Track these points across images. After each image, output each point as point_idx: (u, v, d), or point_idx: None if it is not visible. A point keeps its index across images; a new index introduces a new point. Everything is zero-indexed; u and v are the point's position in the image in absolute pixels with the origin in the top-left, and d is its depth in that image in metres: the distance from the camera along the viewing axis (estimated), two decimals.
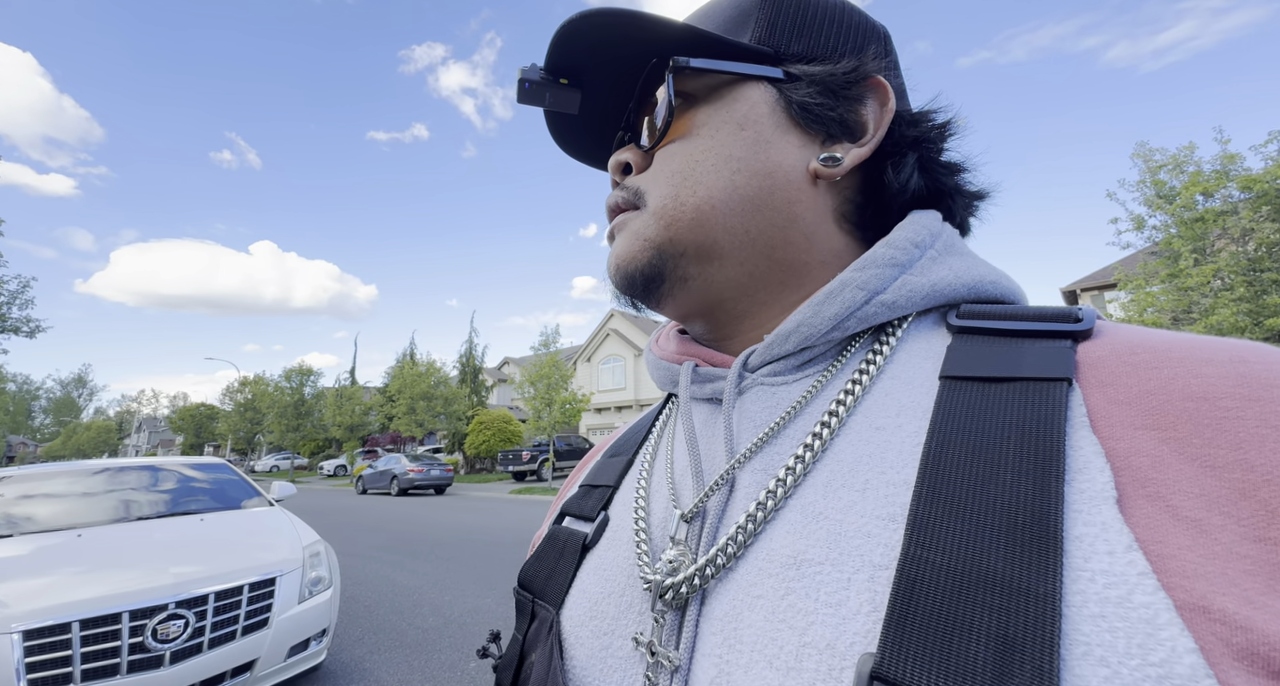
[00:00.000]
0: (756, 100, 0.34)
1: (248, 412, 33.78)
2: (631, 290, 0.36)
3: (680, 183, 0.34)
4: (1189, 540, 0.19)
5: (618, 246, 0.36)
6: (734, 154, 0.33)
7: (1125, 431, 0.22)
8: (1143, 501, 0.20)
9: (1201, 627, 0.17)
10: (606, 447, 0.47)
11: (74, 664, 2.09)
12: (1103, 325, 0.28)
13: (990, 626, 0.19)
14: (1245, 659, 0.17)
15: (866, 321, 0.32)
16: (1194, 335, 0.26)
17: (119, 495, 3.43)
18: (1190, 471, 0.20)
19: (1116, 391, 0.24)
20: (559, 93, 0.37)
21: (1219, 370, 0.23)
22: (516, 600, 0.38)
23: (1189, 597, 0.18)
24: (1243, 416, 0.21)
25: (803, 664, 0.22)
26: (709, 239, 0.33)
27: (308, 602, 2.84)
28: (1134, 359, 0.25)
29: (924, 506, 0.22)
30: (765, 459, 0.30)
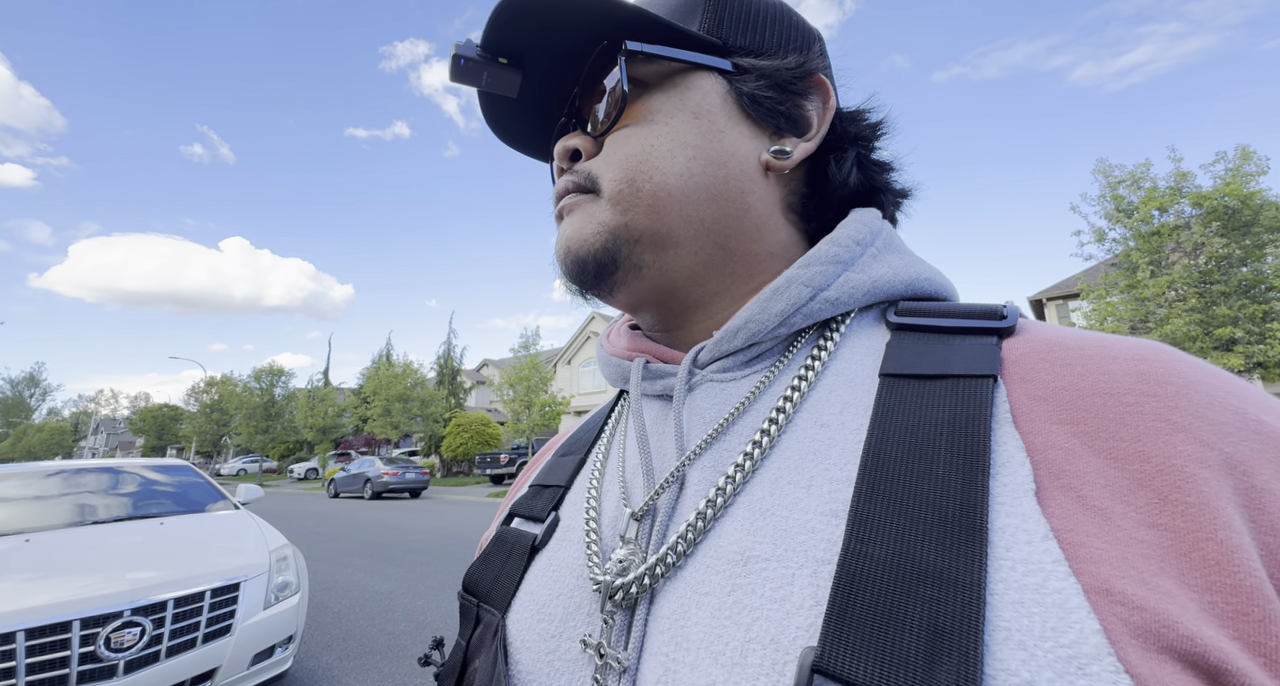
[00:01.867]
0: (709, 90, 0.34)
1: (214, 414, 32.61)
2: (582, 276, 0.35)
3: (636, 167, 0.33)
4: (1096, 528, 0.20)
5: (568, 228, 0.35)
6: (689, 141, 0.33)
7: (1043, 425, 0.24)
8: (1058, 492, 0.22)
9: (1105, 609, 0.19)
10: (558, 446, 0.46)
11: (18, 676, 1.99)
12: (1024, 323, 0.30)
13: (922, 616, 0.20)
14: (1141, 636, 0.18)
15: (812, 317, 0.33)
16: (1104, 334, 0.28)
17: (73, 498, 3.28)
18: (1097, 463, 0.22)
19: (1036, 387, 0.25)
20: (497, 73, 0.35)
21: (1123, 367, 0.24)
22: (461, 604, 0.37)
23: (1095, 582, 0.19)
24: (1142, 411, 0.23)
25: (747, 659, 0.22)
26: (665, 225, 0.33)
27: (273, 608, 2.76)
28: (1051, 356, 0.26)
29: (863, 502, 0.23)
30: (715, 456, 0.30)
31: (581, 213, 0.35)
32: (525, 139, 0.42)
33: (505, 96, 0.37)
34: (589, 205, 0.35)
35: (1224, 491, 0.20)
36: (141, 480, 3.68)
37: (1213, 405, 0.23)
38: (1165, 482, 0.21)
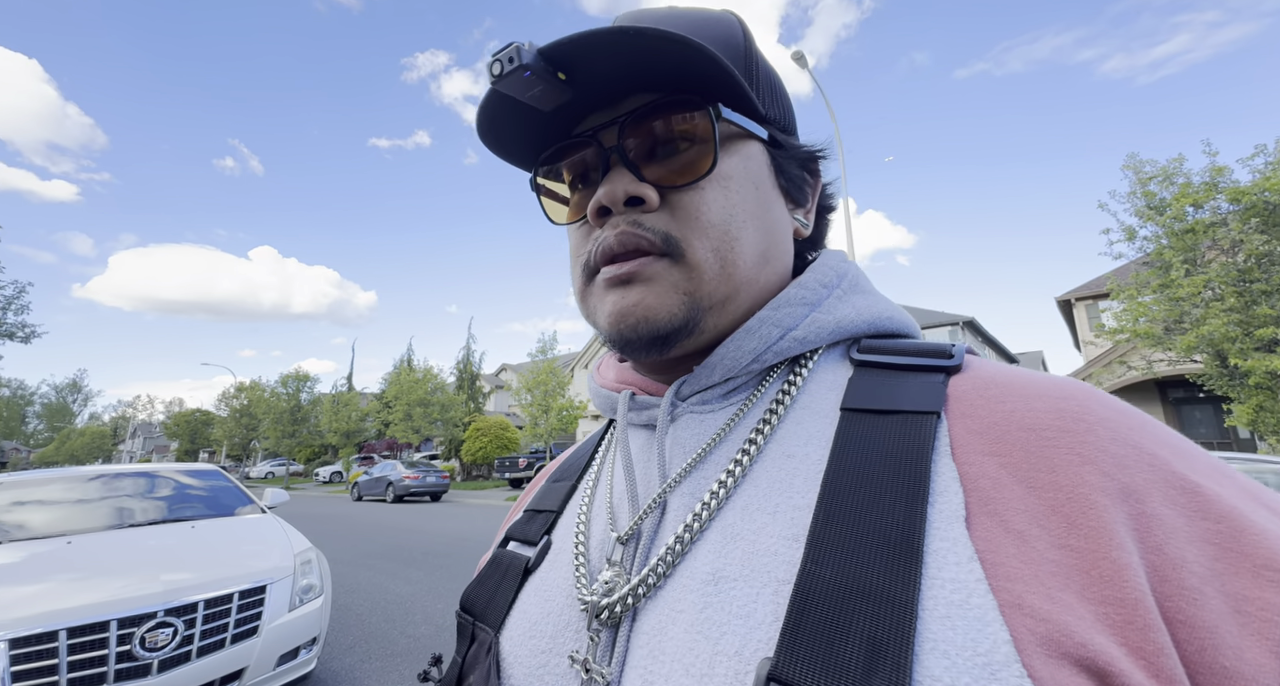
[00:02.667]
0: (760, 161, 0.37)
1: (243, 418, 33.62)
2: (650, 343, 0.34)
3: (721, 238, 0.33)
4: (1015, 549, 0.23)
5: (645, 297, 0.33)
6: (754, 212, 0.35)
7: (977, 457, 0.27)
8: (985, 518, 0.25)
9: (1016, 621, 0.22)
10: (551, 472, 0.49)
11: (60, 673, 2.09)
12: (970, 360, 0.34)
13: (864, 630, 0.22)
14: (1044, 644, 0.21)
15: (782, 354, 0.36)
16: (1036, 374, 0.31)
17: (111, 502, 3.42)
18: (1019, 491, 0.25)
19: (973, 422, 0.28)
20: (548, 87, 0.32)
21: (1045, 404, 0.28)
22: (458, 623, 0.40)
23: (1010, 597, 0.22)
24: (1057, 445, 0.26)
25: (714, 670, 0.25)
26: (733, 291, 0.34)
27: (298, 610, 2.84)
28: (988, 393, 0.30)
29: (820, 528, 0.26)
30: (693, 483, 0.32)
31: (663, 284, 0.33)
32: (513, 145, 0.39)
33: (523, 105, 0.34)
34: (669, 273, 0.33)
35: (1119, 517, 0.23)
36: (175, 484, 3.82)
37: (1115, 440, 0.26)
38: (1073, 509, 0.24)
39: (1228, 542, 0.23)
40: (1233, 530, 0.23)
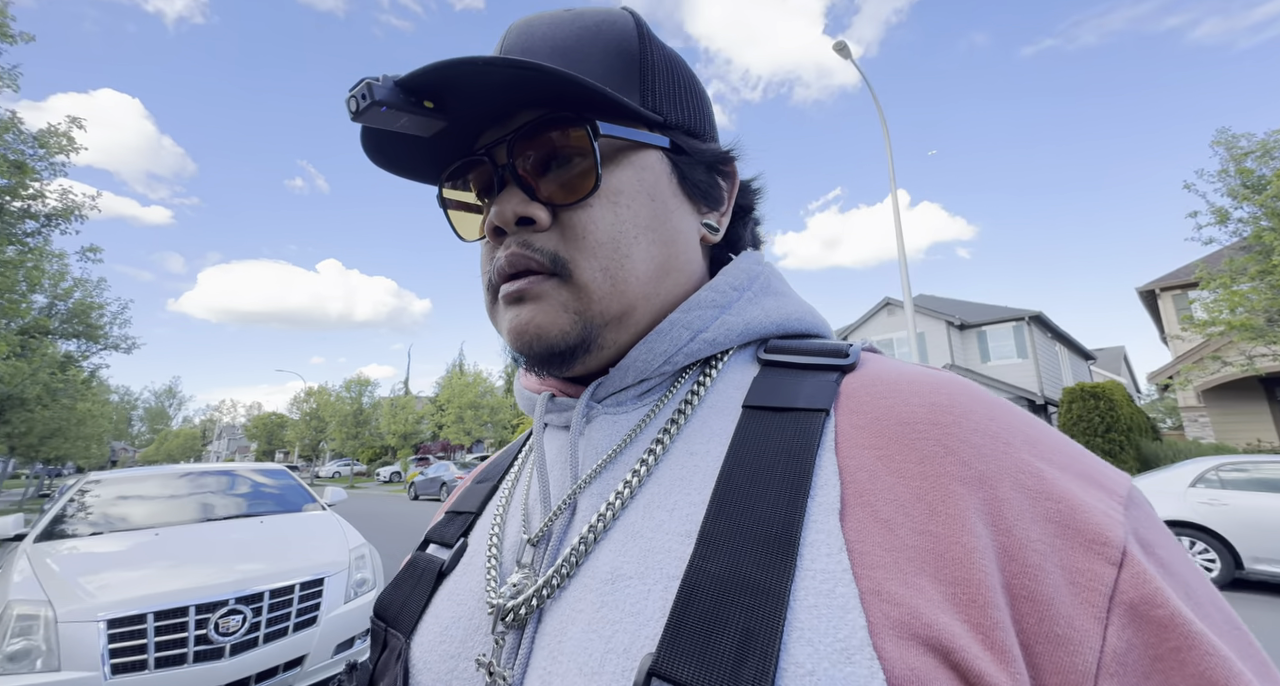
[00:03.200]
0: (658, 170, 0.36)
1: (313, 421, 36.01)
2: (548, 360, 0.35)
3: (610, 255, 0.33)
4: (881, 537, 0.25)
5: (536, 315, 0.34)
6: (649, 225, 0.35)
7: (857, 451, 0.28)
8: (858, 508, 0.26)
9: (874, 608, 0.23)
10: (476, 474, 0.49)
11: (149, 652, 2.32)
12: (867, 357, 0.35)
13: (739, 622, 0.23)
14: (896, 628, 0.22)
15: (693, 356, 0.36)
16: (918, 370, 0.32)
17: (196, 498, 3.77)
18: (891, 481, 0.26)
19: (858, 418, 0.29)
20: (417, 117, 0.31)
21: (920, 400, 0.29)
22: (371, 629, 0.40)
23: (871, 585, 0.23)
24: (926, 437, 0.27)
25: (605, 667, 0.25)
26: (629, 306, 0.35)
27: (353, 602, 3.02)
28: (873, 390, 0.31)
29: (710, 523, 0.27)
30: (602, 483, 0.33)
31: (551, 302, 0.34)
32: (408, 163, 0.38)
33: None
34: (557, 292, 0.34)
35: (974, 502, 0.25)
36: (249, 482, 4.16)
37: (976, 431, 0.27)
38: (935, 496, 0.25)
39: (1065, 520, 0.25)
40: (1068, 508, 0.25)
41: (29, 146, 4.43)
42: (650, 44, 0.37)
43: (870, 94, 9.58)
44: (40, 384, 8.40)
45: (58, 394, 9.83)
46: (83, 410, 12.83)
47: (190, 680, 2.35)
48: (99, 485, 3.76)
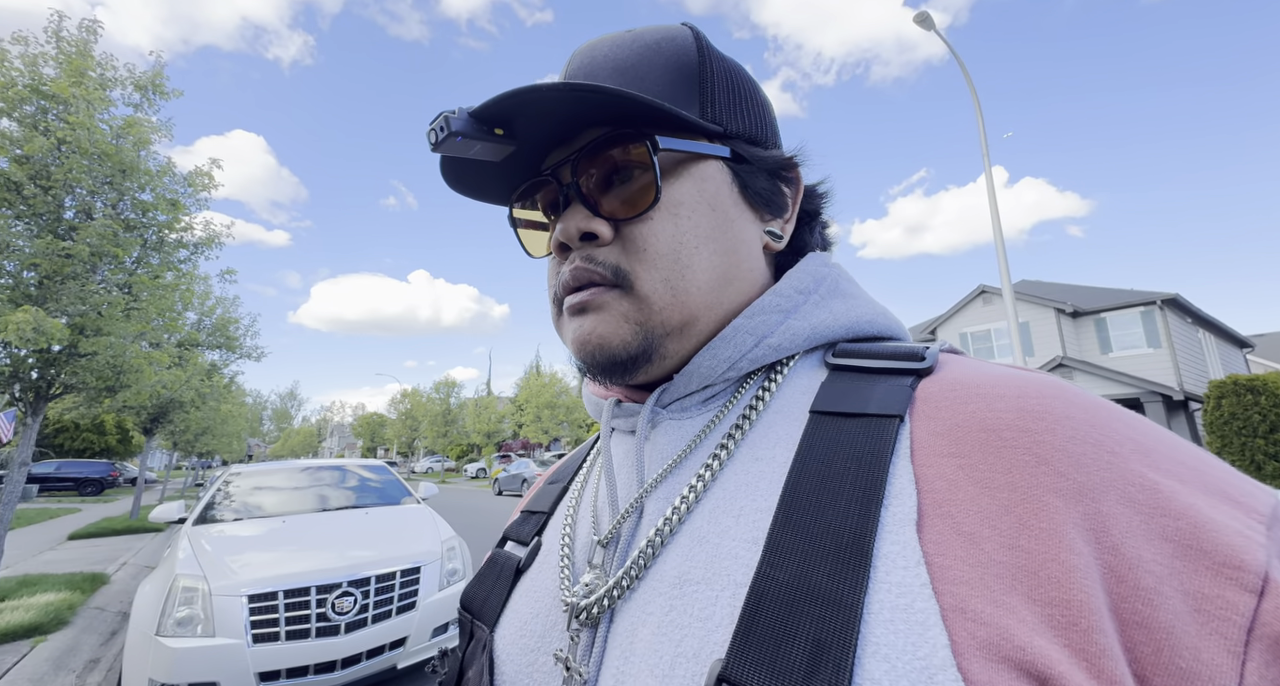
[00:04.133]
0: (719, 180, 0.36)
1: (407, 420, 39.27)
2: (611, 369, 0.35)
3: (670, 267, 0.34)
4: (963, 551, 0.23)
5: (599, 326, 0.34)
6: (710, 235, 0.35)
7: (935, 459, 0.26)
8: (937, 520, 0.24)
9: (958, 626, 0.21)
10: (549, 475, 0.51)
11: (280, 625, 2.64)
12: (946, 360, 0.33)
13: (809, 632, 0.22)
14: (984, 648, 0.21)
15: (757, 362, 0.36)
16: (1007, 372, 0.30)
17: (313, 490, 4.23)
18: (974, 492, 0.25)
19: (936, 424, 0.28)
20: (489, 144, 0.33)
21: (1006, 404, 0.27)
22: (459, 620, 0.42)
23: (953, 601, 0.22)
24: (1015, 445, 0.25)
25: (675, 671, 0.25)
26: (691, 316, 0.35)
27: (446, 590, 3.24)
28: (953, 395, 0.29)
29: (778, 530, 0.26)
30: (668, 487, 0.33)
31: (612, 312, 0.34)
32: (481, 186, 0.40)
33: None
34: (618, 303, 0.34)
35: (1073, 517, 0.23)
36: (357, 477, 4.61)
37: (1075, 439, 0.25)
38: (1026, 509, 0.23)
39: (1187, 540, 0.22)
40: (1191, 526, 0.22)
41: (181, 186, 5.19)
42: (709, 56, 0.38)
43: (959, 65, 8.80)
44: (193, 389, 9.87)
45: (206, 397, 11.49)
46: (226, 411, 14.90)
47: (314, 652, 2.65)
48: (239, 477, 4.33)
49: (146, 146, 4.83)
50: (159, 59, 5.14)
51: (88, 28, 4.68)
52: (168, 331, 6.31)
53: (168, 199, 5.02)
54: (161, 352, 5.76)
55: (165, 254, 5.29)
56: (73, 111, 4.31)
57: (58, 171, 4.28)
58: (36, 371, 4.62)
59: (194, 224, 5.42)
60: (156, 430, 11.35)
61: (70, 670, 3.42)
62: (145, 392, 5.48)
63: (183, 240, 5.42)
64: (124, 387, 5.28)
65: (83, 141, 4.28)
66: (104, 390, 5.43)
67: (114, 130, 4.67)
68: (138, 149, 4.71)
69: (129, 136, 4.67)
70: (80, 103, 4.33)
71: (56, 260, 4.27)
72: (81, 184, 4.44)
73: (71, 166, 4.29)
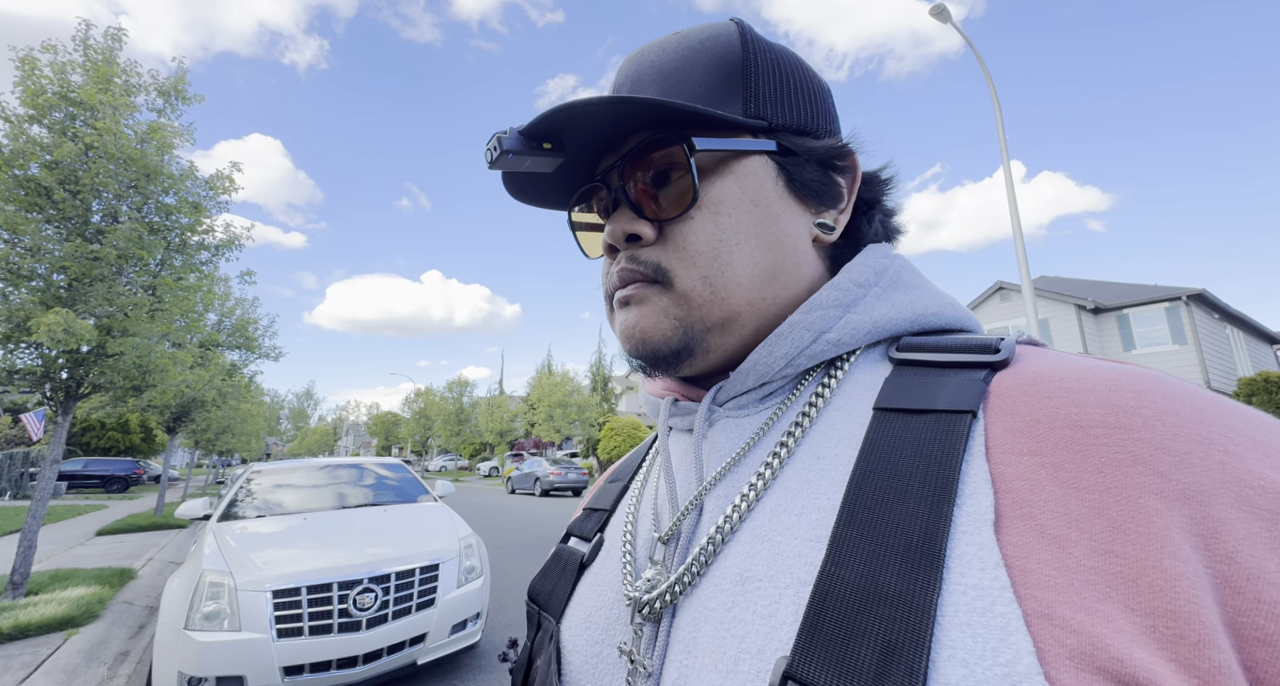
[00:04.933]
0: (762, 175, 0.36)
1: (421, 419, 39.68)
2: (655, 362, 0.37)
3: (709, 264, 0.34)
4: (1048, 555, 0.22)
5: (640, 319, 0.36)
6: (753, 231, 0.35)
7: (1014, 457, 0.25)
8: (1018, 521, 0.23)
9: (1043, 632, 0.20)
10: (610, 474, 0.52)
11: (303, 620, 2.68)
12: (1023, 352, 0.31)
13: (878, 633, 0.22)
14: (1075, 658, 0.19)
15: (815, 358, 0.35)
16: (1095, 363, 0.28)
17: (333, 487, 4.30)
18: (1059, 493, 0.23)
19: (1013, 420, 0.26)
20: (539, 158, 0.35)
21: (1095, 399, 0.25)
22: (527, 610, 0.44)
23: (1038, 606, 0.21)
24: (1106, 443, 0.23)
25: (739, 667, 0.25)
26: (733, 312, 0.35)
27: (464, 588, 3.27)
28: (1033, 389, 0.27)
29: (842, 529, 0.26)
30: (728, 485, 0.33)
31: (653, 306, 0.36)
32: (541, 195, 0.42)
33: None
34: (659, 298, 0.35)
35: (1177, 521, 0.21)
36: (374, 475, 4.66)
37: (1178, 436, 0.23)
38: (1120, 512, 0.22)
39: None
40: None
41: (202, 189, 5.30)
42: (754, 49, 0.38)
43: (976, 57, 8.64)
44: (215, 389, 10.07)
45: (227, 397, 11.71)
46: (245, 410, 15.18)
47: (336, 647, 2.69)
48: (260, 475, 4.41)
49: (169, 151, 4.93)
50: (181, 65, 5.25)
51: (113, 36, 4.79)
52: (190, 332, 6.45)
53: (190, 202, 5.12)
54: (185, 353, 5.89)
55: (188, 256, 5.40)
56: (99, 117, 4.42)
57: (85, 176, 4.39)
58: (66, 371, 4.75)
59: (215, 226, 5.53)
60: (179, 429, 11.60)
61: (102, 662, 3.52)
62: (169, 392, 5.61)
63: (204, 242, 5.54)
64: (149, 387, 5.41)
65: (109, 146, 4.39)
66: (130, 389, 5.56)
67: (138, 135, 4.78)
68: (161, 153, 4.82)
69: (153, 141, 4.77)
70: (106, 109, 4.44)
71: (85, 263, 4.38)
72: (108, 188, 4.55)
73: (98, 171, 4.40)
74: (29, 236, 4.29)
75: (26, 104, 4.33)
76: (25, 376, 4.69)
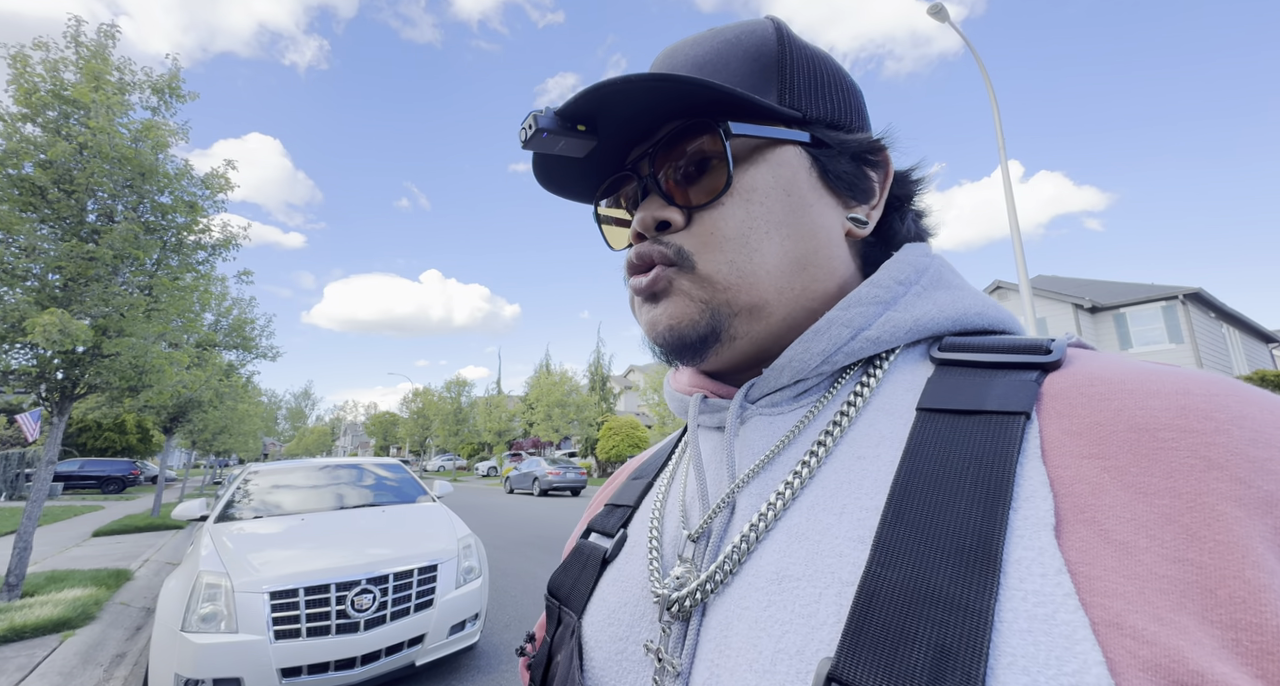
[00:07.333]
0: (795, 165, 0.36)
1: (419, 419, 39.61)
2: (681, 350, 0.36)
3: (737, 250, 0.34)
4: (1115, 562, 0.21)
5: (669, 308, 0.36)
6: (784, 220, 0.35)
7: (1072, 460, 0.24)
8: (1080, 526, 0.22)
9: (1113, 642, 0.19)
10: (632, 470, 0.51)
11: (301, 622, 2.67)
12: (1075, 354, 0.30)
13: (931, 637, 0.21)
14: (1149, 670, 0.18)
15: (854, 355, 0.34)
16: (1154, 365, 0.27)
17: (330, 488, 4.27)
18: (1125, 497, 0.22)
19: (1070, 423, 0.25)
20: (572, 139, 0.35)
21: (1163, 402, 0.24)
22: (546, 605, 0.43)
23: (1106, 615, 0.20)
24: (1176, 447, 0.22)
25: (776, 667, 0.25)
26: (761, 299, 0.34)
27: (463, 588, 3.26)
28: (1090, 390, 0.26)
29: (888, 530, 0.25)
30: (761, 483, 0.33)
31: (679, 293, 0.35)
32: (568, 185, 0.41)
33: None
34: (684, 282, 0.35)
35: (1259, 529, 0.20)
36: (373, 475, 4.64)
37: (1257, 442, 0.22)
38: (1195, 519, 0.21)
39: None
40: None
41: (198, 189, 5.27)
42: (790, 44, 0.38)
43: (974, 57, 8.64)
44: (211, 389, 10.04)
45: (224, 397, 11.68)
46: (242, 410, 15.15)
47: (334, 648, 2.67)
48: (258, 475, 4.39)
49: (165, 149, 4.90)
50: (175, 62, 5.21)
51: (105, 32, 4.76)
52: (187, 332, 6.42)
53: (186, 201, 5.09)
54: (181, 353, 5.86)
55: (184, 256, 5.37)
56: (92, 116, 4.39)
57: (80, 176, 4.36)
58: (62, 372, 4.72)
59: (211, 226, 5.50)
60: (176, 429, 11.56)
61: (98, 664, 3.49)
62: (166, 392, 5.58)
63: (201, 242, 5.51)
64: (146, 387, 5.38)
65: (103, 145, 4.36)
66: (126, 390, 5.53)
67: (133, 134, 4.75)
68: (156, 152, 4.79)
69: (147, 140, 4.74)
70: (99, 107, 4.41)
71: (80, 262, 4.35)
72: (103, 187, 4.52)
73: (93, 170, 4.37)
74: (23, 236, 4.26)
75: (20, 102, 4.30)
76: (20, 377, 4.66)
